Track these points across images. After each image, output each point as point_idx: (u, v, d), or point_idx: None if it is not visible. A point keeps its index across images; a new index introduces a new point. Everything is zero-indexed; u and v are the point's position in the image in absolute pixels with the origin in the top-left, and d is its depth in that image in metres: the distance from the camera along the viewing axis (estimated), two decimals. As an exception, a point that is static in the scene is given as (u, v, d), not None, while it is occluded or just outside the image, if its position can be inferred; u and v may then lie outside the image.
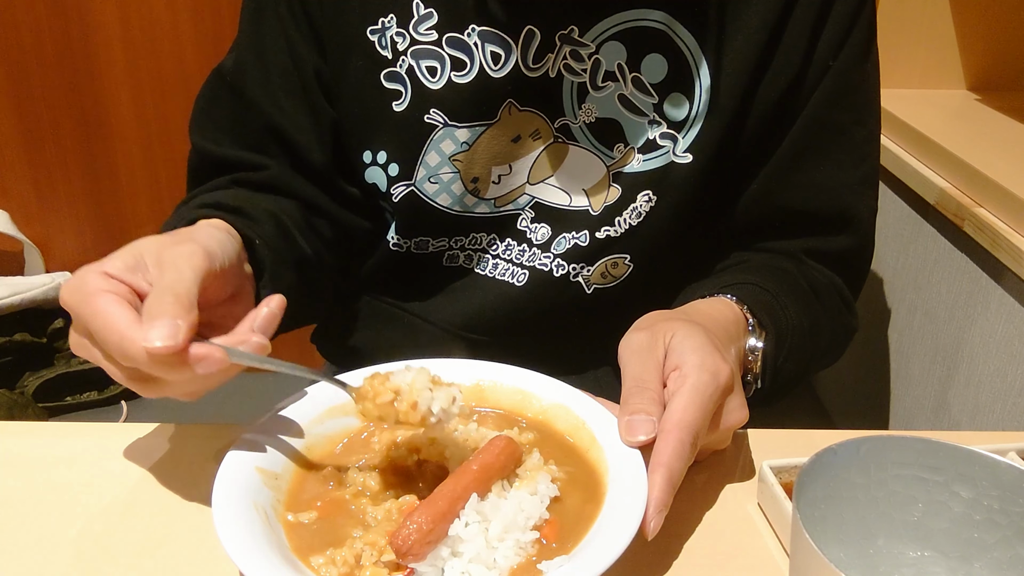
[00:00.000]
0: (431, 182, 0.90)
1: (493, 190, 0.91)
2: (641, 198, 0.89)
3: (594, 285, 0.93)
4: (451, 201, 0.91)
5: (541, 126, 0.88)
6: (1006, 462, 0.55)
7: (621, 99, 0.87)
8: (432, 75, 0.86)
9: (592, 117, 0.88)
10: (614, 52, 0.86)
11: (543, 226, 0.92)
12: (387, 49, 0.87)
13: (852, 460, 0.56)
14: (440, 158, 0.89)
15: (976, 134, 1.29)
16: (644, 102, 0.87)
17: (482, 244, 0.94)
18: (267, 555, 0.54)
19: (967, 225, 1.12)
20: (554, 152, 0.89)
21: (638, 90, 0.87)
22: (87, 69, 1.78)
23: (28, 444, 0.73)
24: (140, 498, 0.67)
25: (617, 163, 0.89)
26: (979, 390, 1.14)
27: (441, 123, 0.87)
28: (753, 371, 0.79)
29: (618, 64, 0.86)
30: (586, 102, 0.87)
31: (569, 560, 0.56)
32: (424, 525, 0.56)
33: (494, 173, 0.90)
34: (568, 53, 0.85)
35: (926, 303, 1.26)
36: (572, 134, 0.89)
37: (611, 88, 0.87)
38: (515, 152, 0.89)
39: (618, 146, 0.88)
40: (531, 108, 0.88)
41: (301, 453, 0.65)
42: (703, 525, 0.66)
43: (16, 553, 0.61)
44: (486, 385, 0.73)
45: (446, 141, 0.88)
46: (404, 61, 0.87)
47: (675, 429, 0.60)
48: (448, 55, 0.86)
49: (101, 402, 1.74)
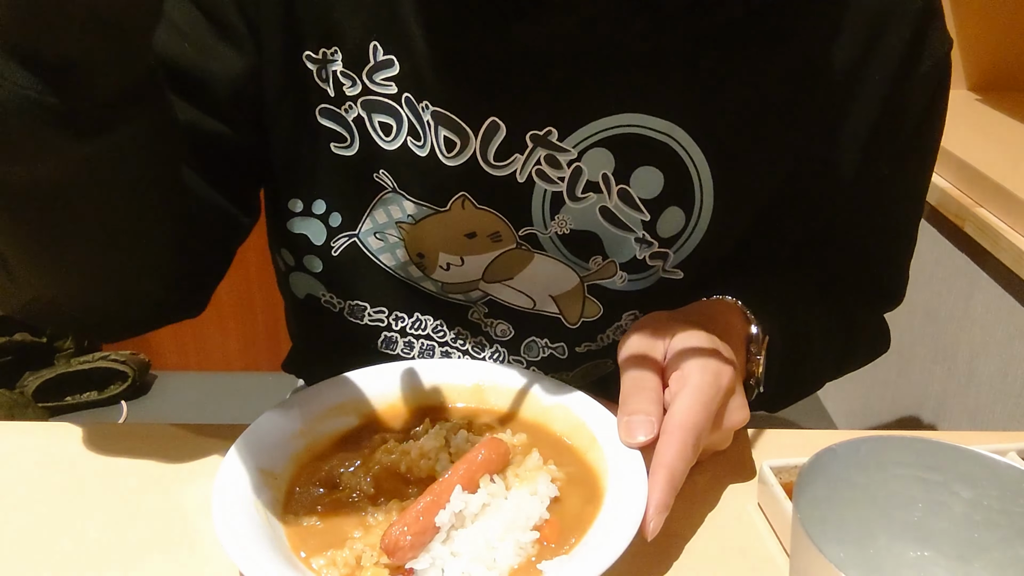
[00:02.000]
0: (376, 238, 0.77)
1: (440, 274, 0.78)
2: (627, 317, 0.81)
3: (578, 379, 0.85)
4: (395, 264, 0.78)
5: (502, 229, 0.75)
6: (1006, 462, 0.55)
7: (603, 212, 0.74)
8: (387, 133, 0.72)
9: (566, 229, 0.75)
10: (599, 161, 0.72)
11: (502, 323, 0.81)
12: (328, 84, 0.72)
13: (852, 460, 0.56)
14: (387, 219, 0.76)
15: (976, 134, 1.29)
16: (632, 218, 0.74)
17: (427, 330, 0.81)
18: (268, 555, 0.54)
19: (967, 225, 1.12)
20: (516, 257, 0.77)
21: (625, 204, 0.73)
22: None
23: (28, 444, 0.73)
24: (140, 498, 0.67)
25: (593, 275, 0.77)
26: (979, 390, 1.14)
27: (390, 187, 0.74)
28: (755, 375, 0.77)
29: (603, 175, 0.72)
30: (561, 213, 0.74)
31: (569, 560, 0.56)
32: (411, 524, 0.56)
33: (442, 259, 0.77)
34: (543, 158, 0.72)
35: (926, 303, 1.26)
36: (540, 243, 0.76)
37: (592, 199, 0.73)
38: (468, 247, 0.76)
39: (595, 259, 0.76)
40: (490, 208, 0.74)
41: (301, 453, 0.65)
42: (703, 525, 0.66)
43: (16, 553, 0.61)
44: (486, 386, 0.73)
45: (394, 206, 0.75)
46: (352, 109, 0.72)
47: (678, 430, 0.60)
48: (407, 116, 0.71)
49: (101, 402, 1.74)
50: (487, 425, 0.70)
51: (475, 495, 0.59)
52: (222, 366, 2.06)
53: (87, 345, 1.93)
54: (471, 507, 0.58)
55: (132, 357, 1.77)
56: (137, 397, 1.76)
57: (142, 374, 1.77)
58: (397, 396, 0.71)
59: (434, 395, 0.72)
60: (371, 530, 0.59)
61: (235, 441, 0.63)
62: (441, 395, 0.72)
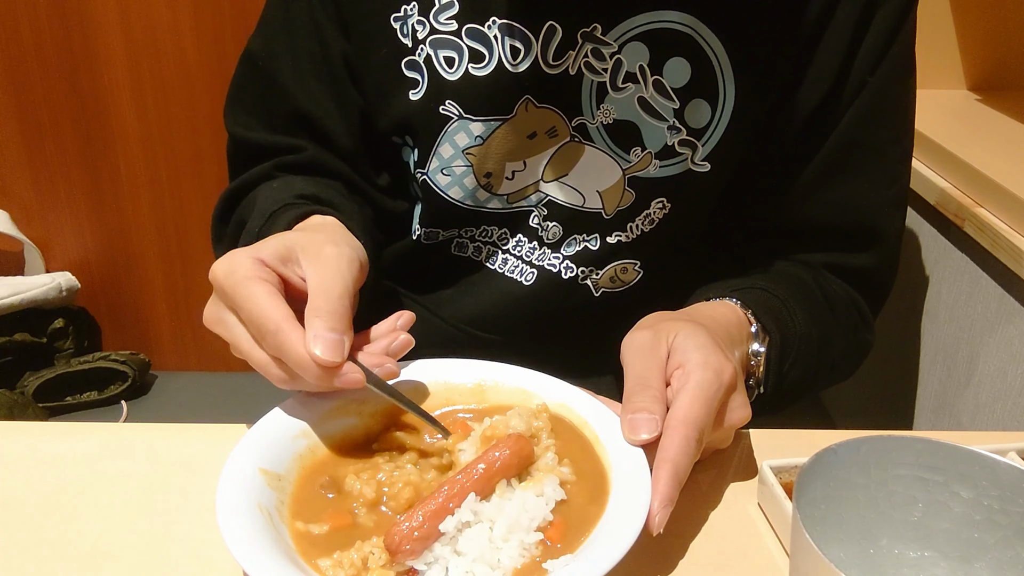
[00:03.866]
0: (443, 174, 0.88)
1: (506, 186, 0.89)
2: (655, 204, 0.88)
3: (602, 289, 0.93)
4: (463, 195, 0.89)
5: (558, 124, 0.86)
6: (1006, 462, 0.55)
7: (641, 102, 0.85)
8: (449, 66, 0.84)
9: (610, 118, 0.86)
10: (636, 53, 0.83)
11: (555, 225, 0.91)
12: (408, 37, 0.85)
13: (852, 460, 0.56)
14: (453, 150, 0.87)
15: (976, 134, 1.29)
16: (664, 106, 0.85)
17: (492, 238, 0.93)
18: (273, 557, 0.54)
19: (967, 225, 1.12)
20: (570, 151, 0.87)
21: (659, 94, 0.84)
22: (87, 69, 1.78)
23: (28, 444, 0.73)
24: (140, 498, 0.67)
25: (633, 167, 0.87)
26: (979, 390, 1.14)
27: (456, 115, 0.86)
28: (756, 375, 0.78)
29: (640, 66, 0.83)
30: (605, 103, 0.85)
31: (574, 559, 0.56)
32: (415, 523, 0.56)
33: (508, 169, 0.88)
34: (589, 51, 0.83)
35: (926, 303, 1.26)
36: (589, 134, 0.87)
37: (631, 90, 0.84)
38: (530, 149, 0.87)
39: (635, 150, 0.86)
40: (548, 105, 0.85)
41: (304, 454, 0.65)
42: (703, 525, 0.66)
43: (16, 553, 0.61)
44: (488, 385, 0.73)
45: (460, 134, 0.87)
46: (423, 50, 0.85)
47: (680, 426, 0.60)
48: (467, 46, 0.84)
49: (101, 402, 1.74)
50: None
51: (488, 502, 0.59)
52: (222, 366, 2.06)
53: (87, 345, 1.93)
54: (481, 514, 0.58)
55: (132, 357, 1.77)
56: (137, 397, 1.75)
57: (142, 374, 1.77)
58: (398, 396, 0.71)
59: (436, 395, 0.72)
60: (377, 531, 0.59)
61: (238, 442, 0.63)
62: (443, 395, 0.72)
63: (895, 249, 0.93)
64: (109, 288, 1.95)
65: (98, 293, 1.95)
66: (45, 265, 1.91)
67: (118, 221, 1.89)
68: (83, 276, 1.91)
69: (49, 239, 1.91)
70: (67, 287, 1.85)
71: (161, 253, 1.90)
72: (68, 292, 1.86)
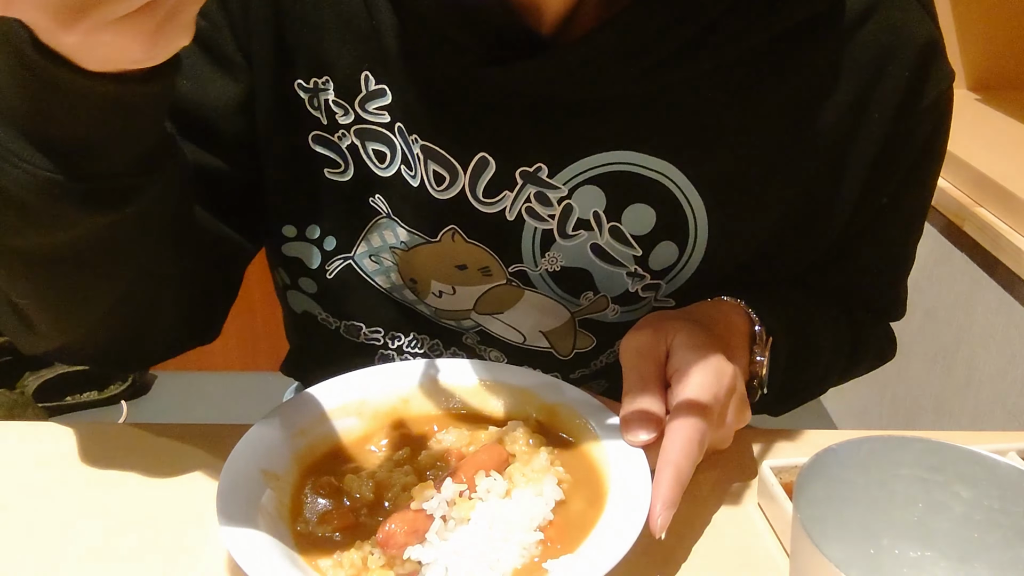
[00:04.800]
0: (371, 260, 0.77)
1: (433, 300, 0.78)
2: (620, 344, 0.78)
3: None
4: (389, 286, 0.78)
5: (492, 265, 0.75)
6: (1006, 462, 0.55)
7: (595, 249, 0.73)
8: (380, 161, 0.72)
9: (557, 266, 0.74)
10: (590, 198, 0.71)
11: (496, 352, 0.81)
12: (320, 112, 0.71)
13: (852, 460, 0.56)
14: (382, 243, 0.76)
15: (976, 134, 1.29)
16: (624, 254, 0.73)
17: (423, 349, 0.81)
18: (272, 557, 0.54)
19: (967, 225, 1.12)
20: (506, 293, 0.76)
21: (617, 241, 0.73)
22: (87, 69, 1.78)
23: (28, 444, 0.73)
24: (141, 498, 0.67)
25: (584, 310, 0.77)
26: (979, 390, 1.14)
27: (385, 213, 0.74)
28: (759, 376, 0.77)
29: (594, 212, 0.71)
30: (551, 250, 0.73)
31: (574, 559, 0.56)
32: (405, 518, 0.57)
33: (434, 287, 0.77)
34: (533, 195, 0.71)
35: (926, 303, 1.26)
36: (530, 280, 0.75)
37: (583, 237, 0.73)
38: (459, 278, 0.76)
39: (586, 294, 0.76)
40: (480, 244, 0.74)
41: (304, 454, 0.65)
42: (703, 525, 0.66)
43: (16, 553, 0.61)
44: (488, 385, 0.73)
45: (388, 231, 0.75)
46: (345, 136, 0.72)
47: (682, 427, 0.60)
48: (400, 146, 0.71)
49: (101, 402, 1.74)
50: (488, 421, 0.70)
51: (486, 504, 0.59)
52: (222, 366, 2.06)
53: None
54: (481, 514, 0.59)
55: (132, 357, 1.77)
56: (137, 397, 1.76)
57: (142, 374, 1.77)
58: (399, 396, 0.71)
59: (436, 395, 0.72)
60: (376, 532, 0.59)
61: (237, 442, 0.63)
62: (443, 395, 0.72)
63: (905, 297, 0.87)
64: (109, 288, 1.95)
65: (98, 293, 1.95)
66: (45, 265, 1.91)
67: (118, 221, 1.89)
68: (83, 276, 1.91)
69: (49, 239, 1.91)
70: (67, 287, 1.85)
71: (161, 253, 1.90)
72: (68, 292, 1.86)
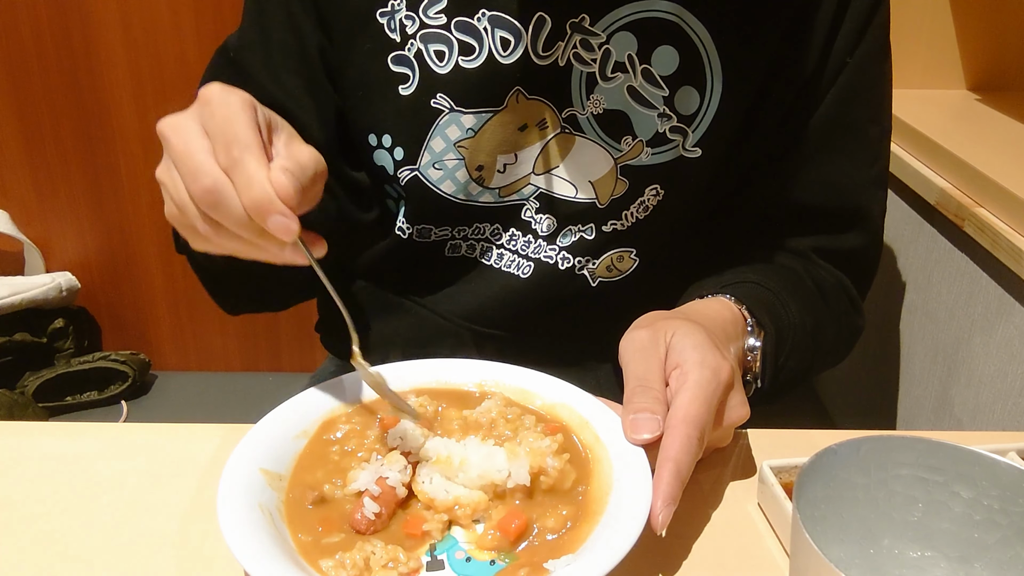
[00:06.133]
0: (435, 168, 0.88)
1: (498, 179, 0.89)
2: (649, 192, 0.89)
3: (599, 279, 0.93)
4: (455, 189, 0.89)
5: (548, 115, 0.87)
6: (1006, 462, 0.55)
7: (630, 91, 0.86)
8: (440, 59, 0.85)
9: (600, 108, 0.86)
10: (624, 43, 0.84)
11: (548, 217, 0.91)
12: (396, 32, 0.85)
13: (852, 460, 0.56)
14: (445, 144, 0.87)
15: (976, 134, 1.29)
16: (654, 95, 0.86)
17: (486, 234, 0.93)
18: (274, 557, 0.54)
19: (967, 225, 1.12)
20: (561, 142, 0.88)
21: (648, 82, 0.85)
22: (88, 69, 1.78)
23: (28, 444, 0.73)
24: (140, 498, 0.67)
25: (625, 156, 0.88)
26: (979, 390, 1.14)
27: (447, 108, 0.86)
28: (753, 370, 0.79)
29: (628, 55, 0.84)
30: (595, 93, 0.86)
31: (575, 559, 0.56)
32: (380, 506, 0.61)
33: (499, 162, 0.88)
34: (578, 42, 0.84)
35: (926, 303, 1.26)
36: (579, 125, 0.87)
37: (620, 79, 0.85)
38: (521, 141, 0.88)
39: (626, 139, 0.87)
40: (539, 97, 0.86)
41: (304, 454, 0.65)
42: (703, 525, 0.66)
43: (16, 553, 0.61)
44: (489, 385, 0.73)
45: (452, 127, 0.87)
46: (413, 45, 0.85)
47: (681, 424, 0.61)
48: (456, 39, 0.84)
49: (101, 402, 1.74)
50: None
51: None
52: (222, 366, 2.06)
53: (87, 345, 1.93)
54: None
55: (132, 357, 1.77)
56: (137, 397, 1.76)
57: (142, 374, 1.77)
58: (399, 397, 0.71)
59: (435, 395, 0.72)
60: (378, 533, 0.60)
61: (238, 442, 0.63)
62: (442, 396, 0.72)
63: (879, 230, 0.96)
64: (109, 288, 1.95)
65: (98, 293, 1.95)
66: (45, 265, 1.91)
67: (118, 221, 1.89)
68: (83, 276, 1.92)
69: (49, 239, 1.91)
70: (67, 287, 1.85)
71: (161, 253, 1.90)
72: (68, 292, 1.86)
